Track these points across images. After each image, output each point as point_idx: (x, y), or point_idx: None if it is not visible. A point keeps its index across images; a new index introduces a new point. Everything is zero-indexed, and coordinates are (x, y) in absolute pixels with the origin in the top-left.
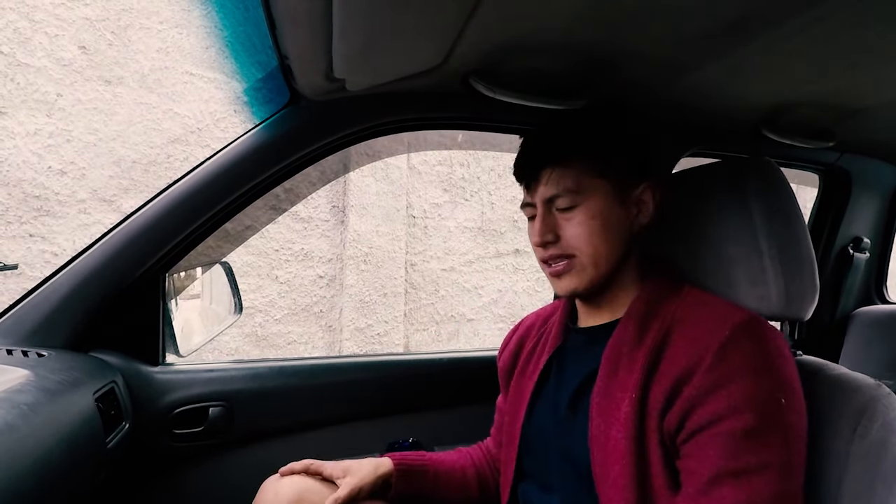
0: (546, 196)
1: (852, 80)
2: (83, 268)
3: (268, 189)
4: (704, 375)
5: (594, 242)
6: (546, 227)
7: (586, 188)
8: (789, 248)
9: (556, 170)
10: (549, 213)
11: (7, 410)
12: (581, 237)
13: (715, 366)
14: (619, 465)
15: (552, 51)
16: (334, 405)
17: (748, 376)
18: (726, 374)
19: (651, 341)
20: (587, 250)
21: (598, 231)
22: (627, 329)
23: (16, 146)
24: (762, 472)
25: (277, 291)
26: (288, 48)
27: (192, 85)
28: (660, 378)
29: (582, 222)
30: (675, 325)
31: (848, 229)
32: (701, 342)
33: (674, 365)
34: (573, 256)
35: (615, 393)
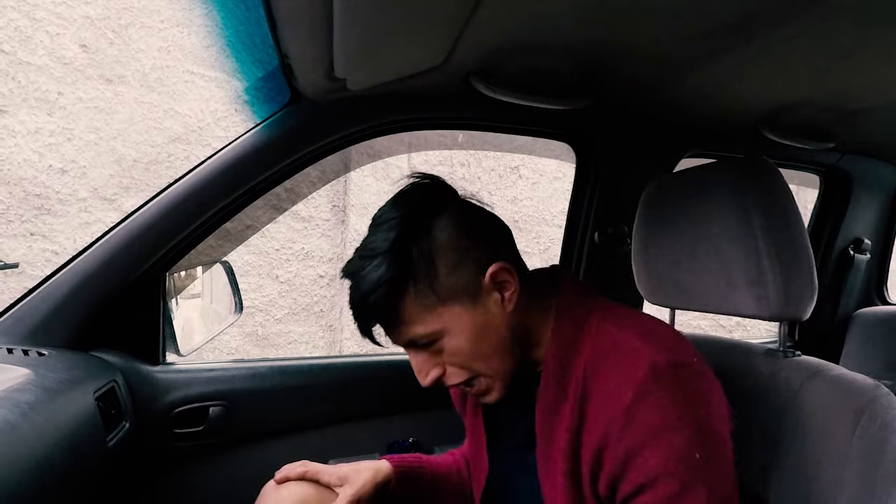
0: (403, 343)
1: (853, 80)
2: (84, 267)
3: (268, 188)
4: (617, 446)
5: (480, 360)
6: (425, 369)
7: (435, 321)
8: (788, 249)
9: (395, 326)
10: (417, 352)
11: (8, 409)
12: (465, 362)
13: (623, 433)
14: None
15: (553, 51)
16: (334, 405)
17: (661, 438)
18: (638, 441)
19: (572, 398)
20: (482, 367)
21: (475, 349)
22: (549, 388)
23: (17, 145)
24: None
25: (278, 291)
26: (289, 47)
27: (192, 84)
28: (586, 444)
29: (453, 352)
30: (589, 375)
31: (848, 230)
32: (610, 403)
33: (594, 431)
34: (475, 376)
35: (553, 456)
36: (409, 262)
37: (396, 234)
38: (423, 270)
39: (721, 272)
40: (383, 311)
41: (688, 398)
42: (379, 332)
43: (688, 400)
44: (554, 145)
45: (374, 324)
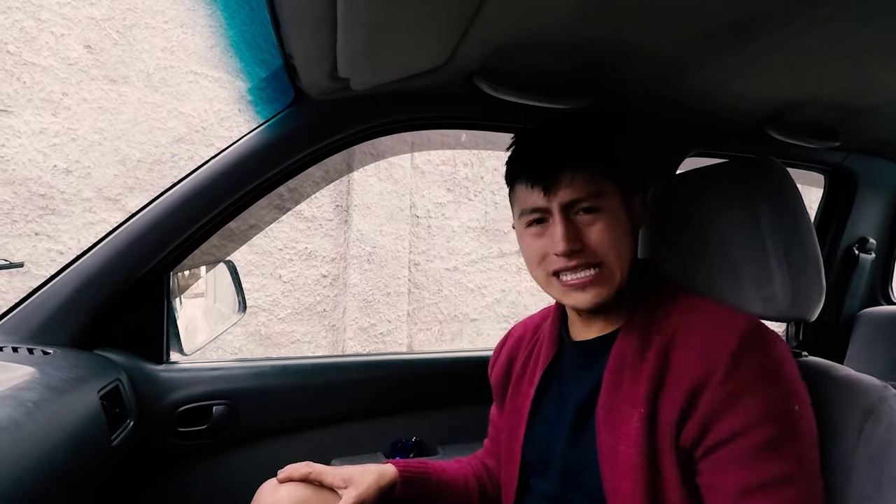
0: (566, 200)
1: (858, 79)
2: (88, 266)
3: (272, 188)
4: (718, 389)
5: (618, 249)
6: (572, 233)
7: (606, 191)
8: (795, 249)
9: (578, 172)
10: (569, 218)
11: (13, 408)
12: (607, 244)
13: (727, 378)
14: (631, 481)
15: (556, 50)
16: (337, 404)
17: (761, 388)
18: (739, 387)
19: (655, 353)
20: (614, 257)
21: (620, 236)
22: (629, 341)
23: (21, 145)
24: (788, 482)
25: (281, 290)
26: (292, 47)
27: (196, 84)
28: (669, 391)
29: (605, 228)
30: (677, 334)
31: (853, 230)
32: (709, 353)
33: (683, 378)
34: (600, 265)
35: (621, 407)
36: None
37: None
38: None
39: (728, 272)
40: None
41: (784, 358)
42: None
43: (785, 359)
44: None
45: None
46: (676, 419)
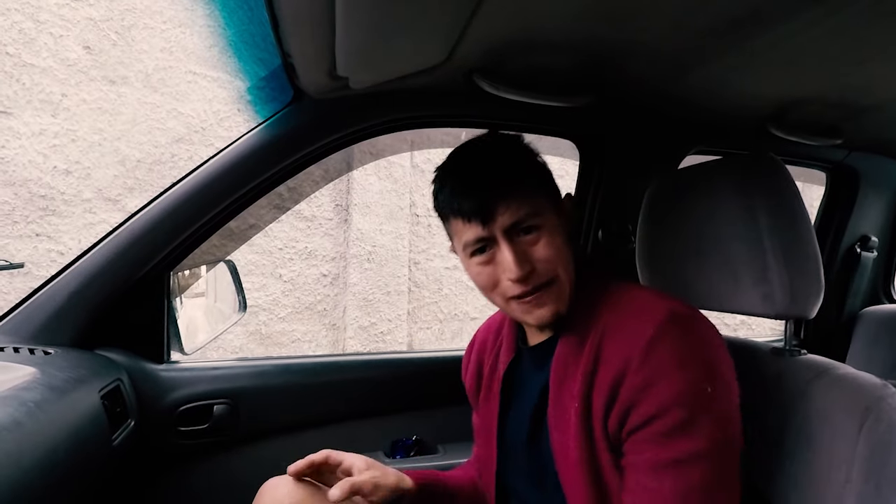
0: (507, 225)
1: (862, 76)
2: (88, 266)
3: (271, 187)
4: (634, 376)
5: (564, 259)
6: (521, 257)
7: (540, 208)
8: (794, 247)
9: (511, 196)
10: (514, 241)
11: (14, 408)
12: (554, 259)
13: (642, 366)
14: (575, 472)
15: (556, 48)
16: (338, 403)
17: (674, 372)
18: (653, 373)
19: (589, 348)
20: (563, 270)
21: (563, 246)
22: (569, 341)
23: (21, 146)
24: (698, 459)
25: (281, 290)
26: (291, 46)
27: (195, 84)
28: (599, 384)
29: (548, 242)
30: (608, 328)
31: (855, 228)
32: (629, 343)
33: (608, 370)
34: (552, 280)
35: (565, 404)
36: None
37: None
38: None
39: (726, 270)
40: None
41: (702, 342)
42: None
43: (702, 343)
44: (557, 143)
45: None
46: (604, 409)
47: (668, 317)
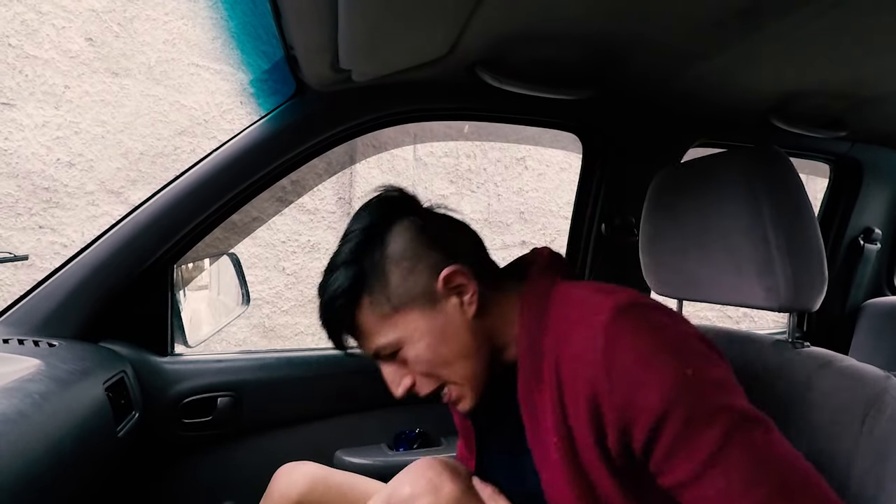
0: (371, 354)
1: (866, 67)
2: (92, 259)
3: (274, 180)
4: (609, 395)
5: (445, 367)
6: (396, 379)
7: (393, 330)
8: (797, 239)
9: (357, 337)
10: (386, 364)
11: (20, 399)
12: (430, 370)
13: (610, 380)
14: None
15: (560, 40)
16: (341, 396)
17: (646, 375)
18: (627, 385)
19: (548, 372)
20: (449, 371)
21: (438, 356)
22: (525, 377)
23: (25, 138)
24: (730, 441)
25: (284, 283)
26: (294, 39)
27: (198, 76)
28: (573, 413)
29: (416, 361)
30: (559, 346)
31: (859, 220)
32: (586, 356)
33: (577, 394)
34: (444, 384)
35: (543, 438)
36: (362, 272)
37: (353, 245)
38: (376, 280)
39: (730, 262)
40: (343, 323)
41: (657, 326)
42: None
43: (657, 328)
44: (560, 136)
45: (341, 335)
46: (593, 436)
47: (612, 315)
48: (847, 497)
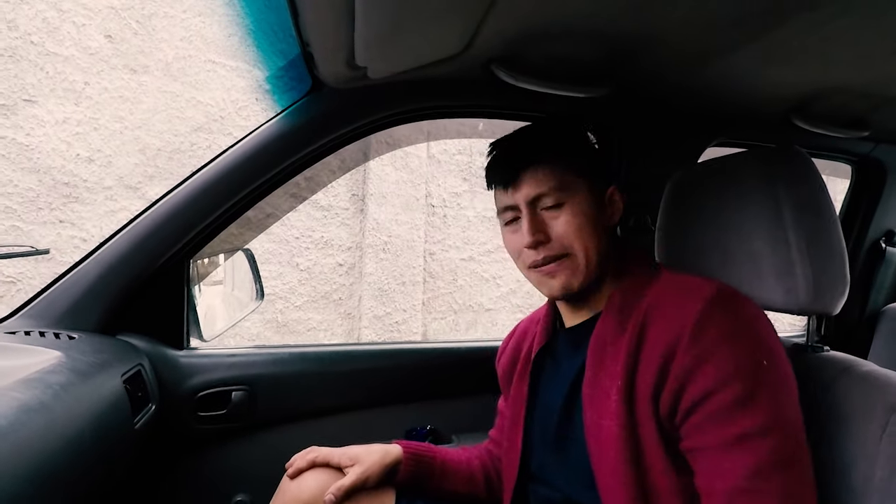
0: (530, 196)
1: (890, 66)
2: (110, 254)
3: (289, 177)
4: (686, 352)
5: (584, 238)
6: (536, 227)
7: (569, 186)
8: (819, 241)
9: (539, 169)
10: (534, 213)
11: (41, 390)
12: (571, 234)
13: (694, 342)
14: (614, 451)
15: (576, 37)
16: (353, 391)
17: (727, 346)
18: (706, 348)
19: (631, 329)
20: (579, 247)
21: (586, 227)
22: (608, 321)
23: (46, 134)
24: (763, 433)
25: (298, 279)
26: (310, 35)
27: (214, 73)
28: (644, 363)
29: (569, 220)
30: (651, 309)
31: (881, 222)
32: (677, 321)
33: (655, 348)
34: (566, 255)
35: (603, 383)
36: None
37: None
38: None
39: (749, 264)
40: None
41: (751, 317)
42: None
43: (751, 319)
44: None
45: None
46: (652, 389)
47: (715, 294)
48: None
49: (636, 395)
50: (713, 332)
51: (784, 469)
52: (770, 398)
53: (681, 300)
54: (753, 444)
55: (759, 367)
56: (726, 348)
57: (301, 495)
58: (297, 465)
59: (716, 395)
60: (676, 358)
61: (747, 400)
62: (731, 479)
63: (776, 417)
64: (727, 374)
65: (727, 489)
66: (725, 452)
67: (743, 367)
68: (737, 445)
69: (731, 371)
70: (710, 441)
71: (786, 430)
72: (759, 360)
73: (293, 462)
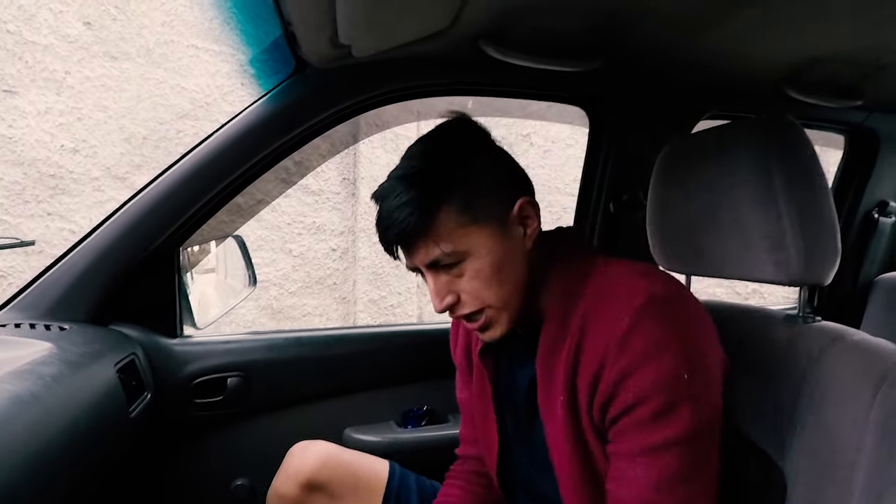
0: (425, 262)
1: (883, 33)
2: (99, 243)
3: (276, 161)
4: (611, 368)
5: (496, 288)
6: (442, 291)
7: (464, 239)
8: (810, 211)
9: (423, 241)
10: (437, 275)
11: (32, 382)
12: (480, 290)
13: (619, 357)
14: (567, 465)
15: (565, 9)
16: (349, 375)
17: (650, 361)
18: (630, 363)
19: (570, 339)
20: (494, 298)
21: (495, 276)
22: (550, 333)
23: (28, 125)
24: (671, 448)
25: (291, 265)
26: (291, 14)
27: (197, 58)
28: (581, 376)
29: (474, 277)
30: (587, 316)
31: (874, 193)
32: (606, 333)
33: (589, 361)
34: (484, 308)
35: (552, 395)
36: (449, 180)
37: (440, 156)
38: (462, 189)
39: (740, 236)
40: (420, 224)
41: (679, 324)
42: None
43: (679, 326)
44: (566, 111)
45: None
46: (588, 400)
47: (645, 301)
48: (860, 471)
49: (578, 405)
50: (637, 345)
51: (688, 481)
52: (687, 412)
53: (612, 309)
54: (663, 457)
55: (679, 380)
56: (649, 362)
57: (303, 467)
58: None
59: (637, 407)
60: (605, 372)
61: (664, 414)
62: (636, 488)
63: (689, 430)
64: (647, 387)
65: (632, 497)
66: (632, 460)
67: (663, 382)
68: (646, 456)
69: (650, 385)
70: (623, 449)
71: (697, 443)
72: (680, 374)
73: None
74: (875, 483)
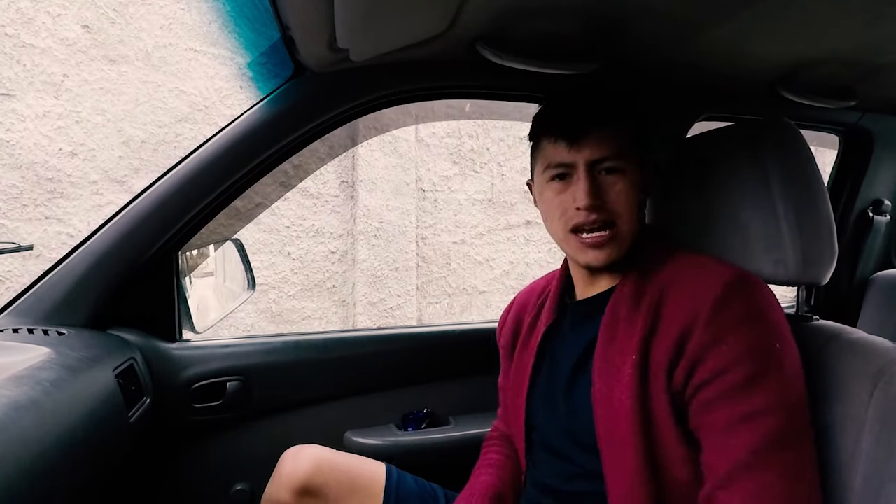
0: (593, 157)
1: (878, 33)
2: (98, 247)
3: (275, 164)
4: (703, 331)
5: (632, 210)
6: (595, 190)
7: (627, 154)
8: (807, 212)
9: (606, 130)
10: (593, 175)
11: (30, 387)
12: (623, 204)
13: (711, 321)
14: (625, 424)
15: (561, 13)
16: (349, 377)
17: (743, 328)
18: (722, 328)
19: (647, 304)
20: (627, 218)
21: (635, 199)
22: (623, 295)
23: (26, 128)
24: (770, 412)
25: (290, 268)
26: (290, 18)
27: (196, 62)
28: (660, 338)
29: (625, 189)
30: (669, 286)
31: (868, 192)
32: (696, 300)
33: (672, 324)
34: (615, 224)
35: (615, 357)
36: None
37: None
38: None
39: (738, 236)
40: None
41: (769, 301)
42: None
43: (769, 305)
44: None
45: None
46: (667, 364)
47: (736, 277)
48: (858, 467)
49: (650, 369)
50: (730, 313)
51: (786, 447)
52: (779, 380)
53: (699, 280)
54: (758, 422)
55: (772, 349)
56: (743, 329)
57: (296, 472)
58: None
59: (728, 372)
60: (693, 336)
61: (757, 380)
62: (734, 453)
63: (782, 398)
64: (741, 353)
65: (730, 463)
66: (731, 430)
67: (757, 349)
68: (742, 423)
69: (744, 351)
70: (718, 419)
71: (791, 411)
72: (772, 344)
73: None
74: (874, 477)
